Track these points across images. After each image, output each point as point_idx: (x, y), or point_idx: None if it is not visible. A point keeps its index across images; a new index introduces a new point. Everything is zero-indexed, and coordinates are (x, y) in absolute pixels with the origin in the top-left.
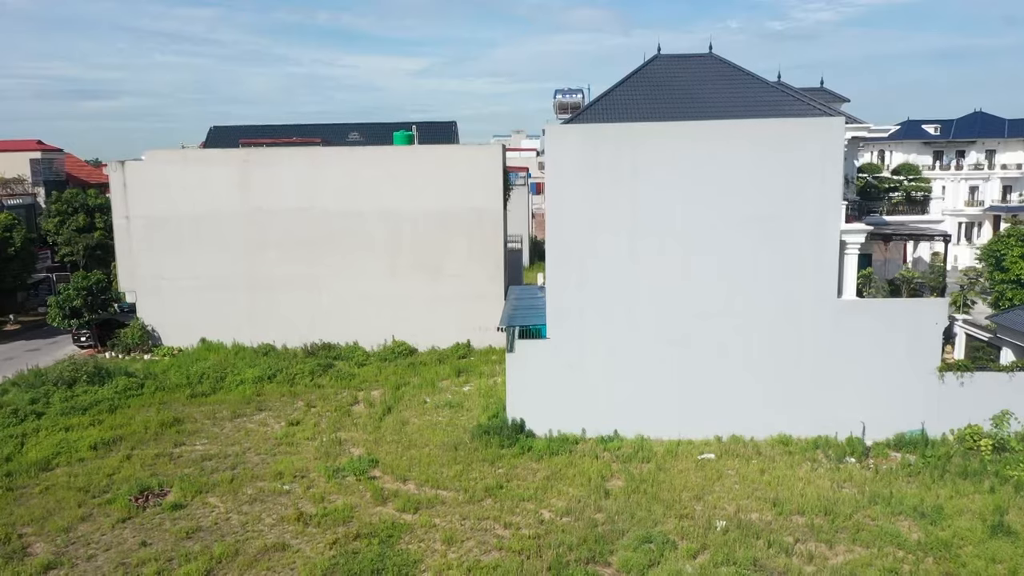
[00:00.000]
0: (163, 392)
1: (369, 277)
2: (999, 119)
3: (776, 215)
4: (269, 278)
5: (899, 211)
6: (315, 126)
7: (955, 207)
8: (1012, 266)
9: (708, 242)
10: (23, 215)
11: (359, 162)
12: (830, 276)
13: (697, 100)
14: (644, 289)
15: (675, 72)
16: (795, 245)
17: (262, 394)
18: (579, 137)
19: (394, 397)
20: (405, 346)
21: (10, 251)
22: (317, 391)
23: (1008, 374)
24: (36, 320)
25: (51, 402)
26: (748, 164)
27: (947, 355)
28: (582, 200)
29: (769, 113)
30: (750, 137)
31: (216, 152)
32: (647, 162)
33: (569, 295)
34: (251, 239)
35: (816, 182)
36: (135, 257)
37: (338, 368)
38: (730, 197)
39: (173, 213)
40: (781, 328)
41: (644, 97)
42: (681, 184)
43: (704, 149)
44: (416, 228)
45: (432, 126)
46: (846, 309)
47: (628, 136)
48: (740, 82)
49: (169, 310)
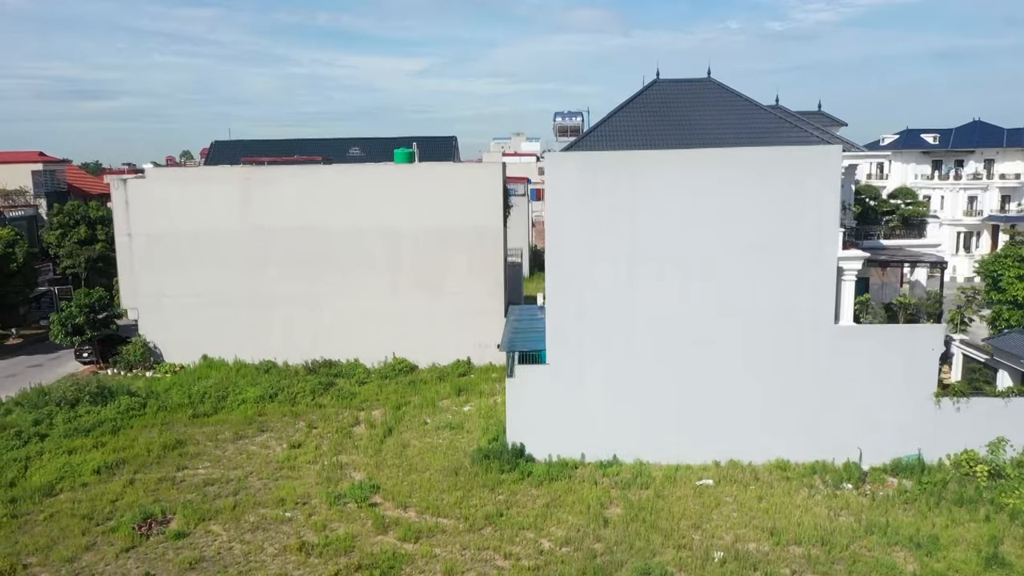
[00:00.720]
0: (165, 412)
1: (370, 294)
2: (998, 128)
3: (774, 242)
4: (270, 295)
5: (896, 235)
6: (316, 141)
7: (954, 217)
8: (1009, 287)
9: (706, 268)
10: (25, 227)
11: (359, 180)
12: (827, 302)
13: (696, 126)
14: (643, 314)
15: (674, 97)
16: (793, 272)
17: (264, 414)
18: (578, 165)
19: (395, 418)
20: (406, 363)
21: (12, 267)
22: (318, 411)
23: (1004, 400)
24: (38, 334)
25: (54, 423)
26: (746, 191)
27: (944, 375)
28: (581, 227)
29: (767, 140)
30: (748, 165)
31: (217, 170)
32: (646, 189)
33: (568, 320)
34: (252, 256)
35: (814, 210)
36: (137, 274)
37: (339, 386)
38: (728, 224)
39: (175, 230)
40: (779, 354)
41: (643, 122)
42: (680, 211)
43: (702, 177)
44: (416, 245)
45: (432, 141)
46: (843, 335)
47: (627, 164)
48: (738, 108)
49: (171, 327)
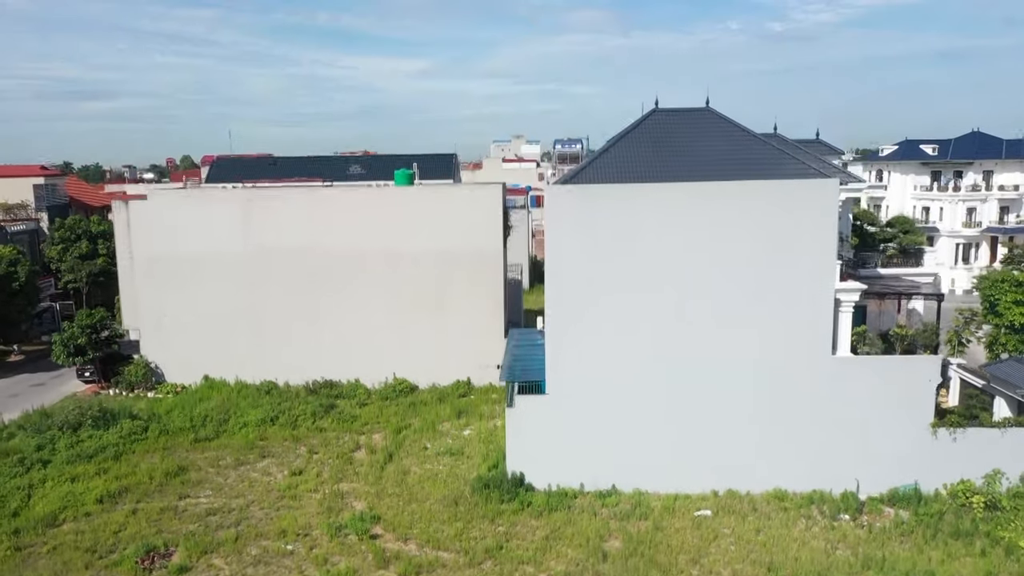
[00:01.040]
0: (167, 436)
1: (370, 315)
2: (996, 140)
3: (772, 274)
4: (271, 316)
5: (894, 263)
6: (316, 159)
7: (953, 229)
8: (1006, 311)
9: (705, 300)
10: (26, 241)
11: (360, 202)
12: (825, 333)
13: (694, 157)
14: (642, 345)
15: (672, 127)
16: (791, 303)
17: (265, 438)
18: (578, 198)
19: (395, 442)
20: (406, 383)
21: (14, 285)
22: (319, 435)
23: (1000, 430)
24: (40, 350)
25: (57, 448)
26: (744, 224)
27: (942, 399)
28: (581, 259)
29: (765, 171)
30: (746, 198)
31: (218, 191)
32: (645, 222)
33: (568, 351)
34: (253, 277)
35: (811, 242)
36: (138, 294)
37: (340, 409)
38: (727, 256)
39: (176, 251)
40: (777, 385)
41: (642, 154)
42: (678, 243)
43: (701, 210)
44: (417, 267)
45: (432, 158)
46: (841, 366)
47: (626, 197)
48: (736, 138)
49: (172, 347)
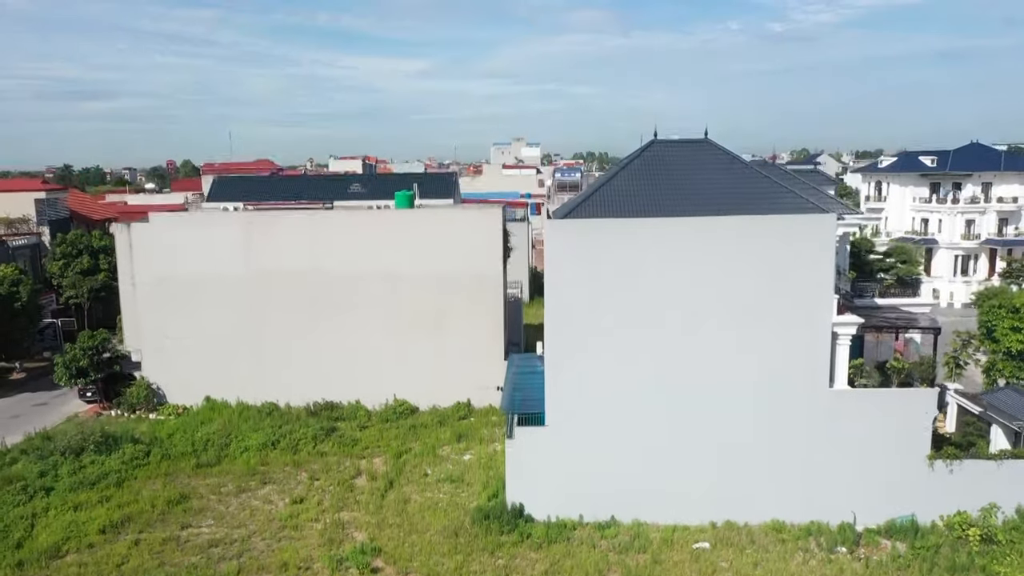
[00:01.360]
0: (169, 461)
1: (371, 337)
2: (995, 151)
3: (770, 307)
4: (272, 337)
5: (891, 293)
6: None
7: (952, 241)
8: (1003, 338)
9: (704, 332)
10: (28, 256)
11: (360, 225)
12: (822, 366)
13: (693, 190)
14: (641, 377)
15: (671, 158)
16: (789, 336)
17: (266, 463)
18: (578, 232)
19: (396, 468)
20: (407, 405)
21: (16, 305)
22: (320, 460)
23: (996, 462)
24: (42, 367)
25: (59, 475)
26: (743, 258)
27: (939, 424)
28: (580, 291)
29: (763, 205)
30: (744, 233)
31: (219, 214)
32: (644, 256)
33: (567, 383)
34: (254, 299)
35: (809, 276)
36: (140, 316)
37: (341, 432)
38: (725, 289)
39: (177, 273)
40: (775, 417)
41: (641, 186)
42: (677, 277)
43: (699, 244)
44: (417, 289)
45: (433, 178)
46: (838, 399)
47: (625, 231)
48: (734, 171)
49: (174, 368)
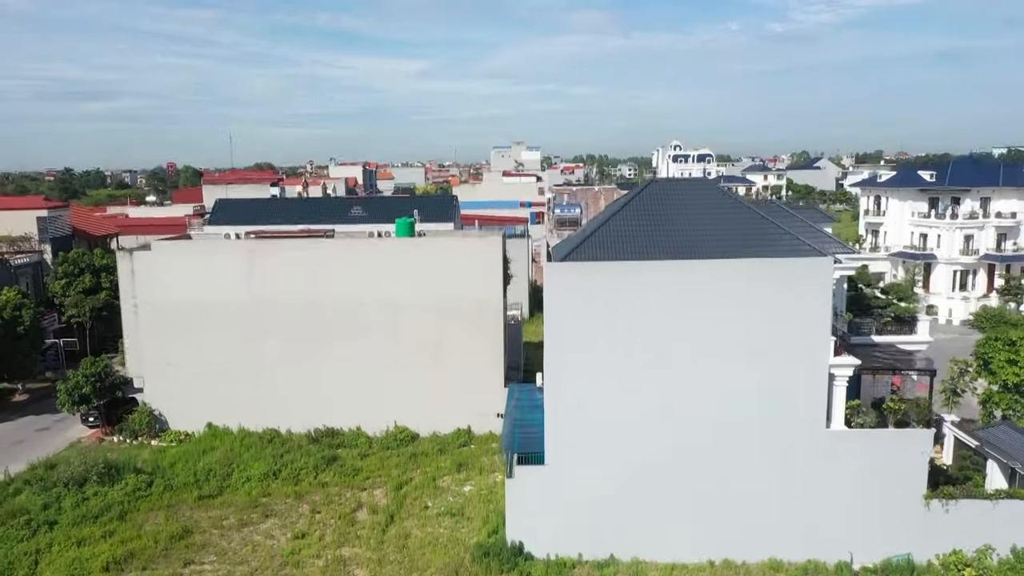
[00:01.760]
0: (171, 492)
1: (371, 364)
2: (994, 165)
3: (768, 349)
4: (274, 364)
5: (888, 331)
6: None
7: (950, 256)
8: (999, 370)
9: (701, 373)
10: (30, 273)
11: (361, 254)
12: (819, 407)
13: (691, 231)
14: (640, 417)
15: (670, 198)
16: (786, 377)
17: (268, 494)
18: (577, 274)
19: (396, 500)
20: (407, 432)
21: (19, 329)
22: (321, 491)
23: (992, 502)
24: (44, 387)
25: (63, 508)
26: (741, 301)
27: (936, 455)
28: (580, 333)
29: (761, 247)
30: (742, 276)
31: (221, 243)
32: (643, 298)
33: (566, 422)
34: (256, 326)
35: (806, 318)
36: (142, 342)
37: (342, 461)
38: (723, 331)
39: (179, 301)
40: (772, 456)
41: (640, 227)
42: (676, 318)
43: (698, 286)
44: (417, 317)
45: (433, 200)
46: (835, 439)
47: (624, 274)
48: (732, 212)
49: (175, 395)
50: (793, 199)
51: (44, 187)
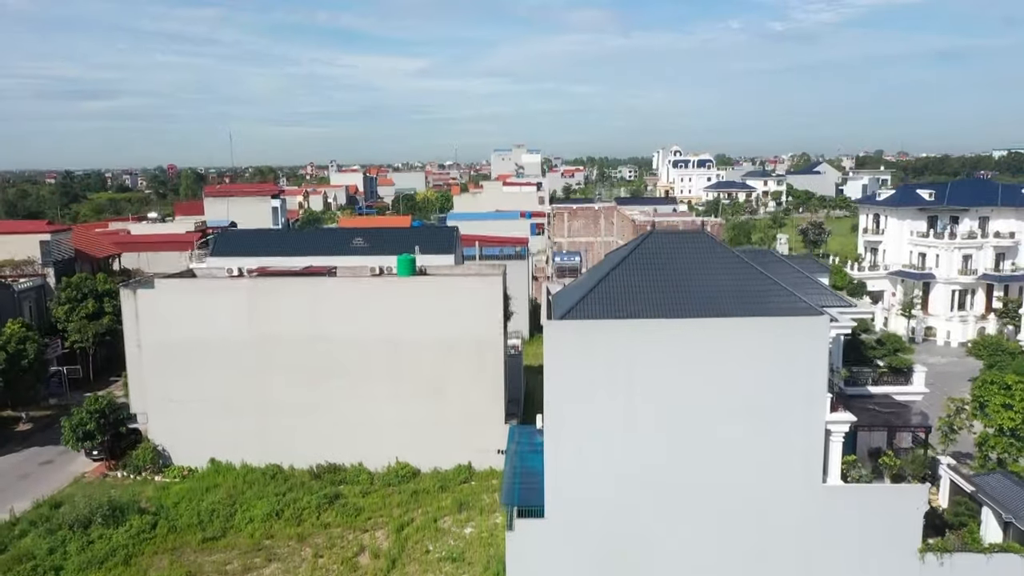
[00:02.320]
0: (175, 534)
1: (373, 401)
2: (992, 185)
3: (765, 405)
4: (276, 401)
5: (884, 381)
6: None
7: (949, 276)
8: (995, 414)
9: (700, 428)
10: (33, 297)
11: (362, 293)
12: (816, 462)
13: (690, 287)
14: (638, 471)
15: (668, 252)
16: (783, 433)
17: (271, 536)
18: (577, 333)
19: (398, 543)
20: (408, 468)
21: (24, 363)
22: (324, 532)
23: (986, 556)
24: (47, 415)
25: (68, 552)
26: (738, 358)
27: (932, 496)
28: (580, 388)
29: (758, 304)
30: (740, 334)
31: (223, 282)
32: (642, 355)
33: (566, 476)
34: (258, 363)
35: (803, 376)
36: (146, 379)
37: (344, 499)
38: (721, 387)
39: (182, 338)
40: (770, 509)
41: (638, 282)
42: (675, 374)
43: (696, 344)
44: (418, 355)
45: (434, 231)
46: (831, 494)
47: (622, 331)
48: (729, 267)
49: (179, 431)
50: (793, 204)
51: (45, 190)
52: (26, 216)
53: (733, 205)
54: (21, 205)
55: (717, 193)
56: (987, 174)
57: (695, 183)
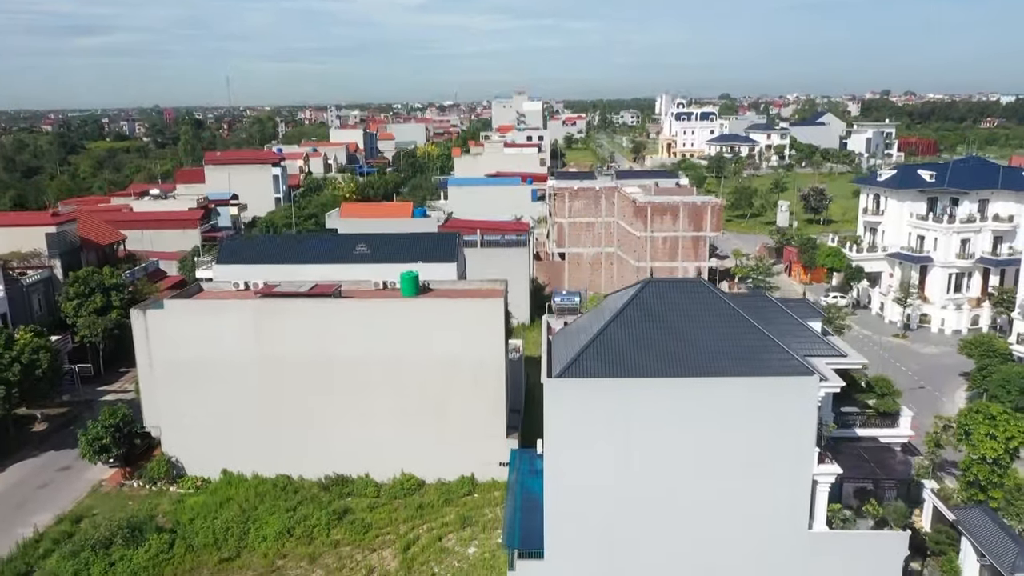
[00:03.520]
0: (192, 554)
1: (378, 416)
2: (993, 167)
3: (755, 460)
4: (284, 415)
5: (872, 424)
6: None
7: (947, 260)
8: (979, 443)
9: (692, 479)
10: (41, 290)
11: (366, 314)
12: (802, 511)
13: (686, 342)
14: (634, 518)
15: (665, 302)
16: (772, 485)
17: (284, 555)
18: (576, 390)
19: (404, 564)
20: (414, 479)
21: (37, 372)
22: (333, 552)
23: None
24: (62, 413)
25: (92, 574)
26: (730, 415)
27: (916, 519)
28: (578, 440)
29: (751, 359)
30: (733, 393)
31: (229, 304)
32: (637, 411)
33: (564, 520)
34: (265, 381)
35: (792, 432)
36: (158, 395)
37: (352, 513)
38: (713, 442)
39: (192, 357)
40: (759, 555)
41: (636, 335)
42: (669, 430)
43: (691, 400)
44: (421, 373)
45: (436, 239)
46: (817, 540)
47: (621, 390)
48: (724, 319)
49: (191, 443)
50: (796, 159)
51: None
52: (25, 172)
53: (736, 160)
54: (20, 159)
55: (720, 147)
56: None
57: (698, 136)
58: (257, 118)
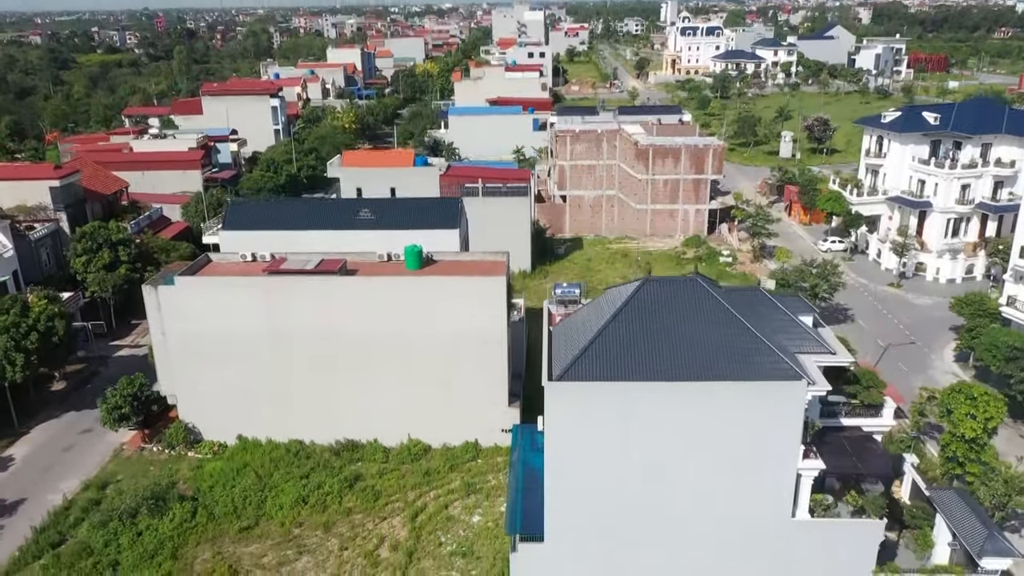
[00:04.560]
0: (214, 522)
1: (385, 386)
2: (999, 109)
3: (744, 456)
4: (295, 384)
5: (856, 414)
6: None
7: (946, 205)
8: (960, 423)
9: (685, 473)
10: (49, 244)
11: (372, 290)
12: (787, 501)
13: (680, 341)
14: (630, 509)
15: (662, 302)
16: (759, 478)
17: (300, 523)
18: (575, 393)
19: (413, 533)
20: (420, 444)
21: (54, 339)
22: (346, 519)
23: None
24: (79, 371)
25: (121, 545)
26: (722, 415)
27: (896, 490)
28: (579, 436)
29: (743, 361)
30: (725, 395)
31: (238, 280)
32: (634, 412)
33: (564, 508)
34: (276, 353)
35: (780, 432)
36: (173, 366)
37: (363, 480)
38: (705, 440)
39: (204, 330)
40: (745, 541)
41: (633, 337)
42: (665, 428)
43: (685, 403)
44: (426, 347)
45: (438, 204)
46: (800, 528)
47: (619, 393)
48: (718, 319)
49: (207, 410)
50: (803, 76)
51: (33, 55)
52: (18, 93)
53: (741, 77)
54: (11, 78)
55: (725, 64)
56: (1007, 31)
57: (703, 52)
58: (251, 30)
